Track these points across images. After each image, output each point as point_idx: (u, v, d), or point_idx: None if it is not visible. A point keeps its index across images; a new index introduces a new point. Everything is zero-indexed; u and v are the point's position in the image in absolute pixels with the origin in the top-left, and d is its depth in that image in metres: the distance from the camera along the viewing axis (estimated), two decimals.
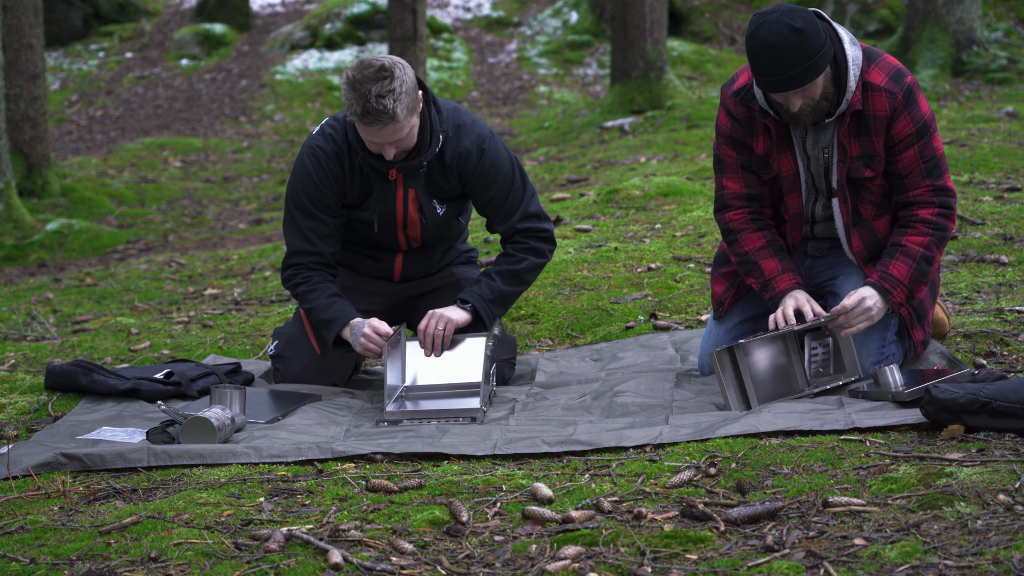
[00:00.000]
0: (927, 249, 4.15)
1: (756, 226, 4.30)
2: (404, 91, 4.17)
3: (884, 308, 4.14)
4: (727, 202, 4.33)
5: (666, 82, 12.49)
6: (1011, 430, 3.50)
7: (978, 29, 13.05)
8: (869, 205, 4.23)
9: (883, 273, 4.14)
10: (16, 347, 5.65)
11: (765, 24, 3.94)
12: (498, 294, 4.49)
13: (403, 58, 5.20)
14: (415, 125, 4.31)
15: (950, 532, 2.86)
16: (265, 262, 7.65)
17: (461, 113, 4.52)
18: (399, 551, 2.97)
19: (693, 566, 2.80)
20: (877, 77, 4.09)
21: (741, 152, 4.27)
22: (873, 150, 4.13)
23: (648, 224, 6.82)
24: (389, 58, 4.23)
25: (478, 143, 4.45)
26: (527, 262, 4.54)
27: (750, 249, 4.28)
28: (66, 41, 18.27)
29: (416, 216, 4.55)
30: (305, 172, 4.45)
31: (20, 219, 9.84)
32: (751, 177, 4.29)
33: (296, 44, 17.63)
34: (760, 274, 4.26)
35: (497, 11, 19.05)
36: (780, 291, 4.22)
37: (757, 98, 4.16)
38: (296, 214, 4.50)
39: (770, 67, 3.94)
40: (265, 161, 13.34)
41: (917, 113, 4.11)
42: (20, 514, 3.34)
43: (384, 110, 4.14)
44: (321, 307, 4.43)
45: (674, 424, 3.86)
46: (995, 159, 7.65)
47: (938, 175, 4.16)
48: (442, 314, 4.43)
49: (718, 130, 4.31)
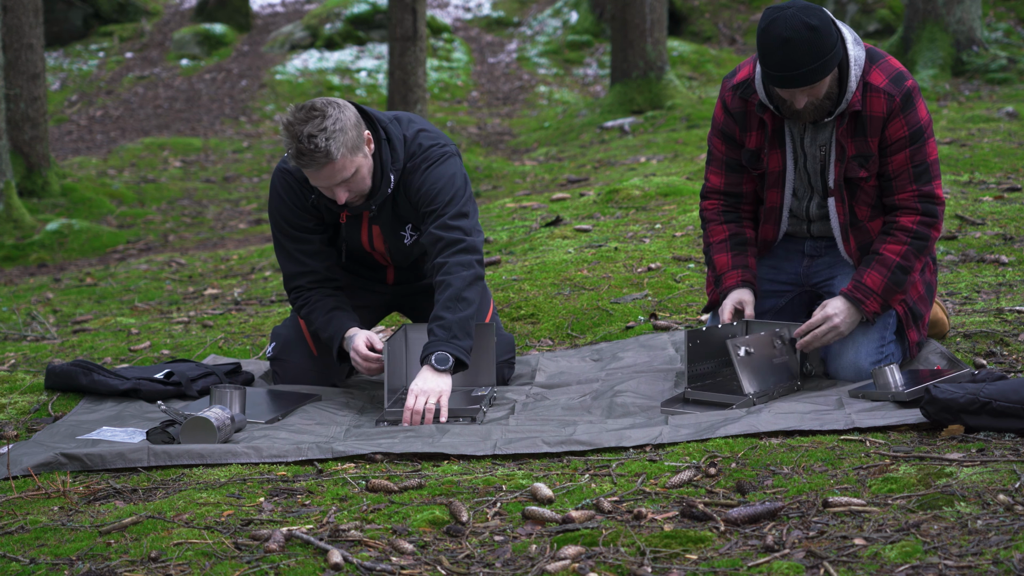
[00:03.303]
0: (903, 258, 4.15)
1: (724, 218, 4.39)
2: (338, 129, 4.07)
3: (855, 320, 4.17)
4: (707, 193, 4.44)
5: (666, 82, 12.49)
6: (1011, 430, 3.50)
7: (978, 29, 13.05)
8: (864, 206, 4.24)
9: (856, 283, 4.17)
10: (16, 347, 5.65)
11: (781, 19, 3.93)
12: (456, 328, 4.19)
13: (403, 58, 5.17)
14: (363, 166, 4.20)
15: (950, 532, 2.86)
16: (265, 262, 7.66)
17: (420, 138, 4.37)
18: (399, 551, 2.97)
19: (693, 566, 2.80)
20: (878, 79, 4.10)
21: (730, 148, 4.32)
22: (868, 150, 4.14)
23: (648, 224, 6.82)
24: (325, 99, 4.14)
25: (420, 164, 4.35)
26: (458, 281, 4.23)
27: (712, 241, 4.39)
28: (66, 41, 18.27)
29: (383, 248, 4.53)
30: (279, 198, 4.44)
31: (20, 219, 9.84)
32: (733, 175, 4.35)
33: (296, 44, 17.63)
34: (713, 268, 4.38)
35: (497, 11, 19.05)
36: (725, 287, 4.32)
37: (758, 92, 4.17)
38: (281, 239, 4.49)
39: (783, 62, 3.94)
40: (265, 161, 13.33)
41: (913, 117, 4.11)
42: (20, 514, 3.34)
43: (316, 149, 4.04)
44: (321, 326, 4.43)
45: (674, 424, 3.86)
46: (995, 159, 7.65)
47: (926, 180, 4.17)
48: (428, 389, 4.10)
49: (713, 121, 4.37)
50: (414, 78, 11.78)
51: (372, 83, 16.26)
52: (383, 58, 16.70)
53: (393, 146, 4.34)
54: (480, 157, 12.02)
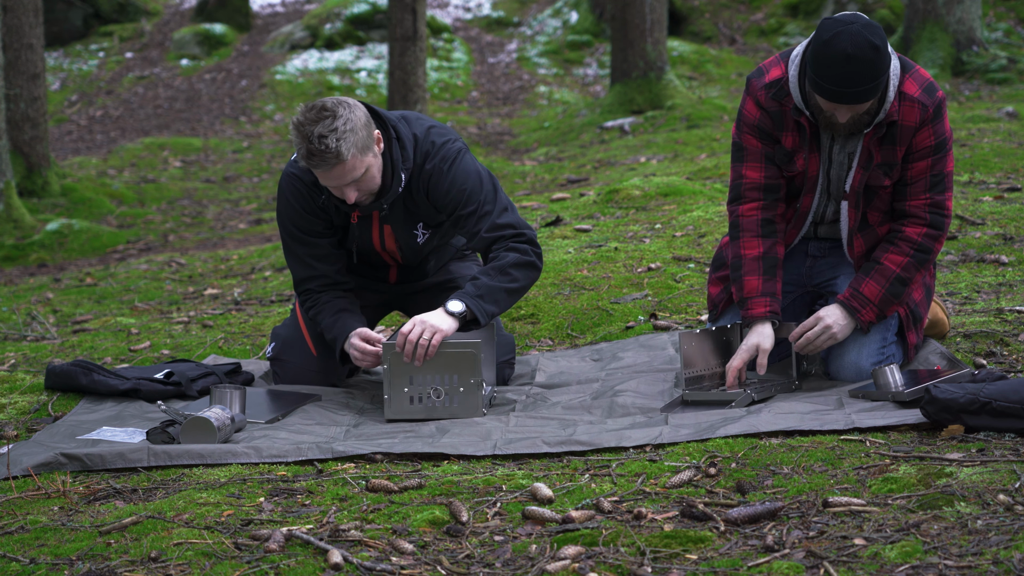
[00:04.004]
0: (904, 270, 4.15)
1: (763, 231, 4.23)
2: (348, 129, 4.07)
3: (850, 327, 4.16)
4: (744, 192, 4.25)
5: (666, 82, 12.49)
6: (1011, 430, 3.50)
7: (978, 29, 13.06)
8: (877, 212, 4.23)
9: (854, 291, 4.15)
10: (16, 347, 5.65)
11: (846, 34, 3.85)
12: (485, 290, 4.25)
13: (403, 58, 5.17)
14: (372, 165, 4.21)
15: (950, 532, 2.86)
16: (265, 262, 7.65)
17: (431, 135, 4.39)
18: (399, 551, 2.97)
19: (693, 566, 2.80)
20: (911, 88, 4.06)
21: (767, 143, 4.20)
22: (894, 159, 4.12)
23: (648, 224, 6.82)
24: (336, 99, 4.15)
25: (440, 165, 4.35)
26: (510, 257, 4.31)
27: (745, 255, 4.23)
28: (66, 41, 18.27)
29: (394, 248, 4.54)
30: (287, 202, 4.42)
31: (20, 219, 9.84)
32: (773, 168, 4.22)
33: (296, 44, 17.63)
34: (741, 288, 4.23)
35: (497, 11, 19.05)
36: (751, 316, 4.20)
37: (792, 95, 4.10)
38: (290, 243, 4.48)
39: (842, 79, 3.87)
40: (265, 161, 13.33)
41: (940, 128, 4.10)
42: (20, 514, 3.34)
43: (327, 150, 4.05)
44: (327, 327, 4.43)
45: (674, 424, 3.86)
46: (995, 159, 7.65)
47: (940, 191, 4.16)
48: (429, 323, 4.16)
49: (743, 119, 4.22)
50: (414, 78, 11.78)
51: (372, 83, 16.26)
52: (383, 58, 16.70)
53: (403, 145, 4.34)
54: (480, 157, 12.02)
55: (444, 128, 4.46)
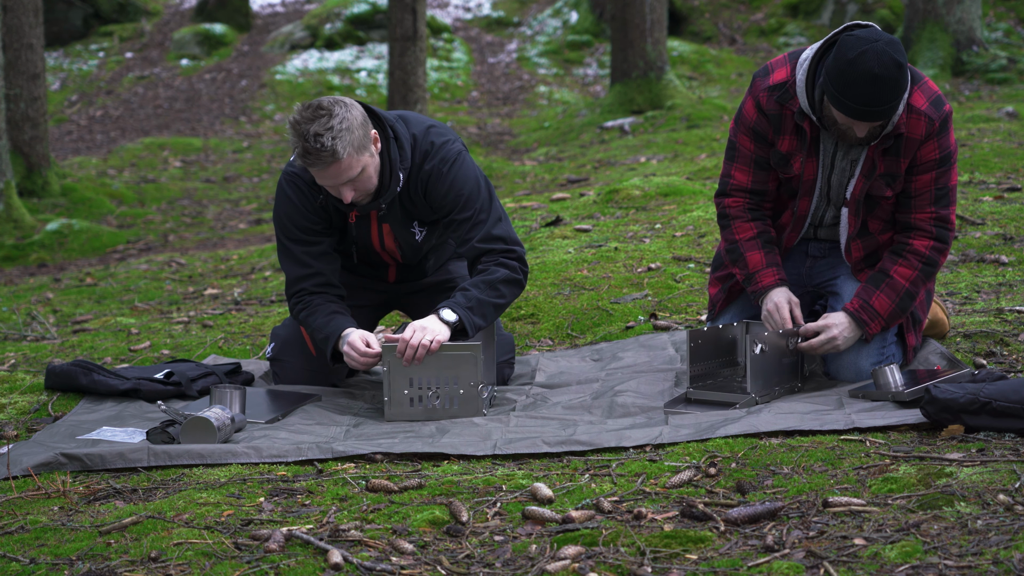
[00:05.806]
0: (913, 284, 4.15)
1: (751, 216, 4.30)
2: (344, 128, 4.07)
3: (855, 337, 4.17)
4: (729, 190, 4.32)
5: (666, 82, 12.49)
6: (1011, 430, 3.50)
7: (978, 29, 13.06)
8: (879, 221, 4.23)
9: (864, 303, 4.15)
10: (16, 347, 5.65)
11: (872, 53, 3.83)
12: (476, 303, 4.27)
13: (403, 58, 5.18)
14: (369, 164, 4.20)
15: (950, 532, 2.86)
16: (265, 262, 7.66)
17: (431, 135, 4.39)
18: (399, 551, 2.97)
19: (693, 566, 2.80)
20: (919, 100, 4.05)
21: (760, 146, 4.22)
22: (897, 170, 4.11)
23: (648, 224, 6.82)
24: (332, 98, 4.15)
25: (439, 166, 4.35)
26: (500, 273, 4.34)
27: (740, 238, 4.29)
28: (66, 41, 18.27)
29: (394, 246, 4.54)
30: (287, 200, 4.41)
31: (20, 219, 9.84)
32: (761, 173, 4.26)
33: (296, 44, 17.63)
34: (745, 265, 4.28)
35: (497, 11, 19.05)
36: (763, 286, 4.25)
37: (799, 99, 4.09)
38: (287, 243, 4.45)
39: (867, 97, 3.85)
40: (265, 161, 13.33)
41: (945, 142, 4.09)
42: (20, 514, 3.34)
43: (322, 148, 4.05)
44: (319, 327, 4.38)
45: (674, 424, 3.87)
46: (995, 159, 7.65)
47: (945, 204, 4.16)
48: (430, 328, 4.19)
49: (741, 118, 4.24)
50: (414, 78, 11.78)
51: (372, 83, 16.26)
52: (383, 58, 16.70)
53: (401, 144, 4.34)
54: (480, 157, 12.02)
55: (443, 128, 4.46)
